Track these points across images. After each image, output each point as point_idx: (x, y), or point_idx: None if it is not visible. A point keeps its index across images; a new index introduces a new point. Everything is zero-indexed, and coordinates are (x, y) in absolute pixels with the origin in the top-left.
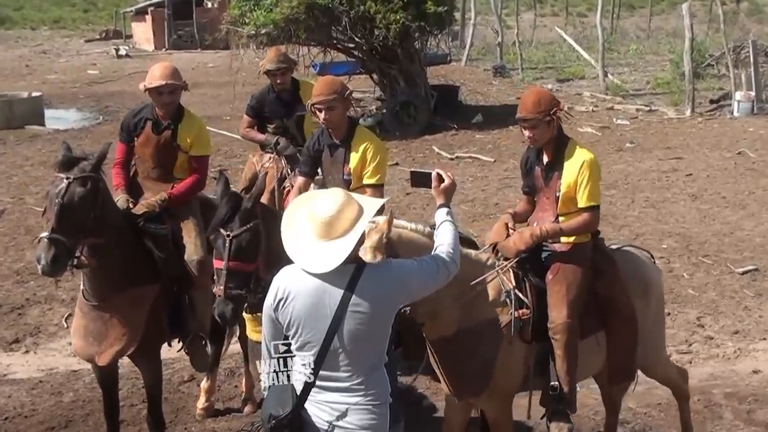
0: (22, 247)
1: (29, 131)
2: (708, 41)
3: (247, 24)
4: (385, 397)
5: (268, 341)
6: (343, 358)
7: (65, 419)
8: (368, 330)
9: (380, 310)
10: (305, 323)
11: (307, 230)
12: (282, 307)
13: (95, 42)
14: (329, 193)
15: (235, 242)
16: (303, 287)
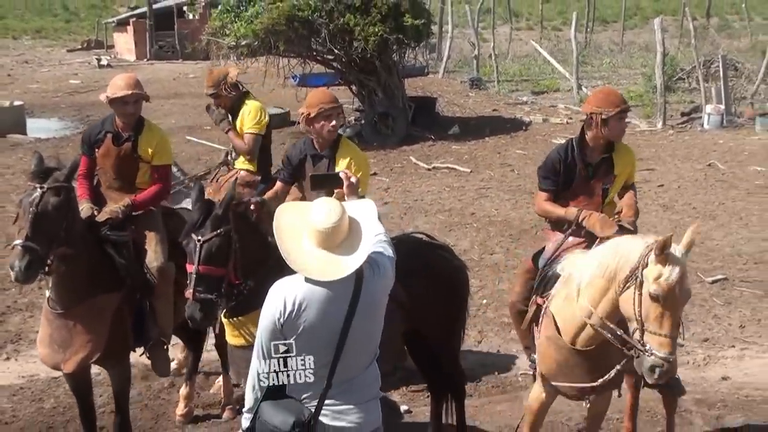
0: (2, 255)
1: (10, 140)
2: (679, 56)
3: (227, 35)
4: (378, 391)
5: (266, 343)
6: (349, 356)
7: (46, 425)
8: (370, 329)
9: (379, 310)
10: (314, 330)
11: (307, 240)
12: (292, 317)
13: (77, 52)
14: (323, 203)
15: (206, 247)
16: (312, 296)
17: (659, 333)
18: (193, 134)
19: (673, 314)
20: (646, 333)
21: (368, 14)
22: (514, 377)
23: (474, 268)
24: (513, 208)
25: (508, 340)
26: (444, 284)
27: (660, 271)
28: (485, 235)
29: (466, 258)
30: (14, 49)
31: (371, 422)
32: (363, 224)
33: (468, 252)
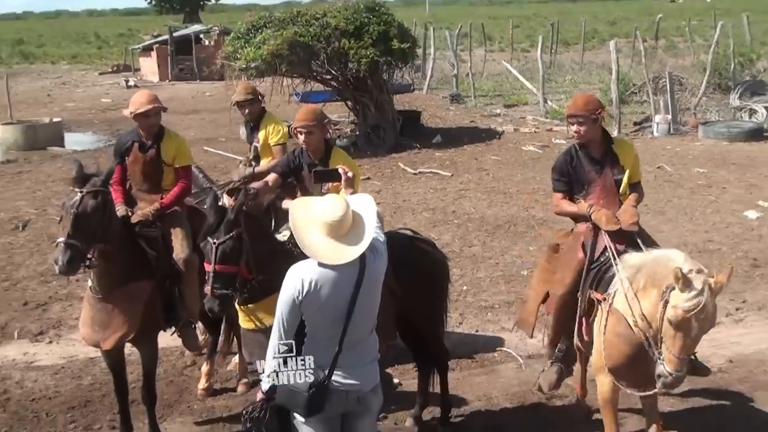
0: (45, 252)
1: (51, 152)
2: (631, 73)
3: (239, 59)
4: (376, 354)
5: (286, 317)
6: (356, 324)
7: (84, 399)
8: (372, 302)
9: (378, 286)
10: (327, 305)
11: (317, 231)
12: (309, 294)
13: (108, 74)
14: (329, 199)
15: (221, 248)
16: (325, 277)
17: (670, 351)
18: (210, 145)
19: (685, 338)
20: (663, 345)
21: (361, 39)
22: (491, 354)
23: (455, 259)
24: (488, 206)
25: (485, 322)
26: (428, 274)
27: (679, 299)
28: (464, 230)
29: (447, 250)
30: (53, 73)
31: (373, 379)
32: (365, 216)
33: (449, 245)
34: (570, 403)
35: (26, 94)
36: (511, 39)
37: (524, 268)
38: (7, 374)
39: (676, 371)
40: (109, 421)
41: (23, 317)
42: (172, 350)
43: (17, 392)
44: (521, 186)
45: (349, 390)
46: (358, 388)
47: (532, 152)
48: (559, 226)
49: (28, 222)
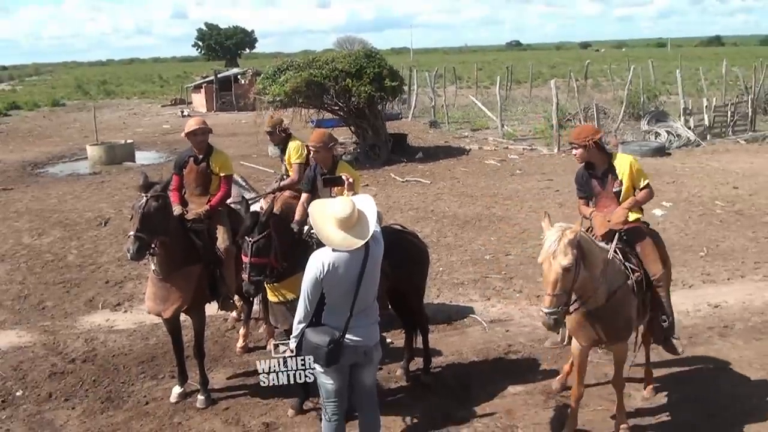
0: (121, 242)
1: (125, 166)
2: (567, 104)
3: (267, 94)
4: (377, 317)
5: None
6: (363, 295)
7: (151, 356)
8: (374, 277)
9: (378, 265)
10: (343, 279)
11: (332, 225)
12: (329, 273)
13: (168, 107)
14: (339, 200)
15: (255, 245)
16: (339, 260)
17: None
18: (245, 160)
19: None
20: None
21: (361, 79)
22: (462, 319)
23: (433, 247)
24: (459, 207)
25: (457, 295)
26: (412, 258)
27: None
28: (441, 225)
29: (428, 240)
30: (127, 106)
31: (375, 336)
32: (368, 213)
33: (429, 236)
34: (522, 357)
35: (108, 122)
36: (476, 78)
37: (487, 254)
38: (95, 336)
39: (546, 309)
40: (169, 371)
41: (105, 292)
42: (217, 317)
43: (102, 350)
44: (484, 191)
45: (358, 345)
46: (365, 343)
47: (492, 165)
48: (514, 222)
49: (109, 219)
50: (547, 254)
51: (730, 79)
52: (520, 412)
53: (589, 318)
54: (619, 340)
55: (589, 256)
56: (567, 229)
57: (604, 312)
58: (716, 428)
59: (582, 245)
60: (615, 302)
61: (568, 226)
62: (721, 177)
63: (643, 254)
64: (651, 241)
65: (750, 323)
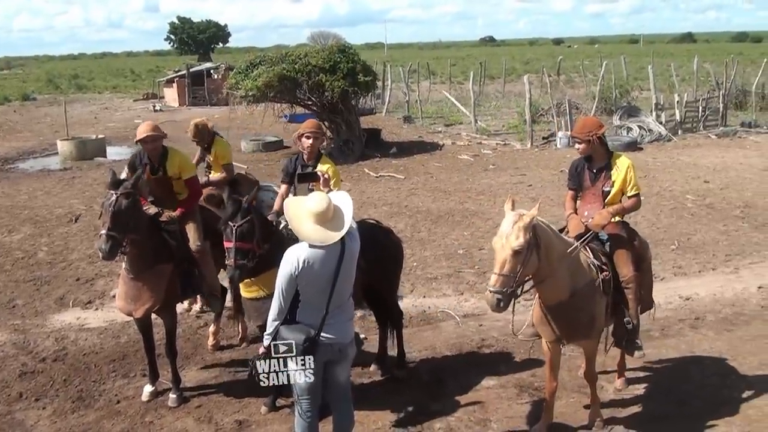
0: (92, 239)
1: (97, 161)
2: (540, 100)
3: (239, 89)
4: (353, 314)
5: (282, 298)
6: (339, 292)
7: (122, 354)
8: (350, 273)
9: (354, 261)
10: (318, 276)
11: (308, 220)
12: (303, 270)
13: (140, 101)
14: (315, 195)
15: (239, 230)
16: (315, 256)
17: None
18: None
19: (496, 255)
20: None
21: (334, 74)
22: (435, 314)
23: (407, 242)
24: (432, 201)
25: (430, 290)
26: (387, 252)
27: None
28: (414, 220)
29: (402, 235)
30: (99, 100)
31: (350, 333)
32: (344, 208)
33: (403, 231)
34: (494, 351)
35: (79, 116)
36: (449, 74)
37: (460, 248)
38: (65, 334)
39: (491, 287)
40: (141, 370)
41: (76, 290)
42: (189, 316)
43: (73, 348)
44: (458, 186)
45: (333, 342)
46: (340, 340)
47: (465, 160)
48: (487, 216)
49: (80, 216)
50: (500, 235)
51: (702, 75)
52: (493, 406)
53: (552, 313)
54: (582, 338)
55: (545, 245)
56: (524, 215)
57: (567, 308)
58: (687, 417)
59: (538, 232)
60: (578, 299)
61: (526, 212)
62: (693, 171)
63: (616, 257)
64: (626, 249)
65: (721, 315)
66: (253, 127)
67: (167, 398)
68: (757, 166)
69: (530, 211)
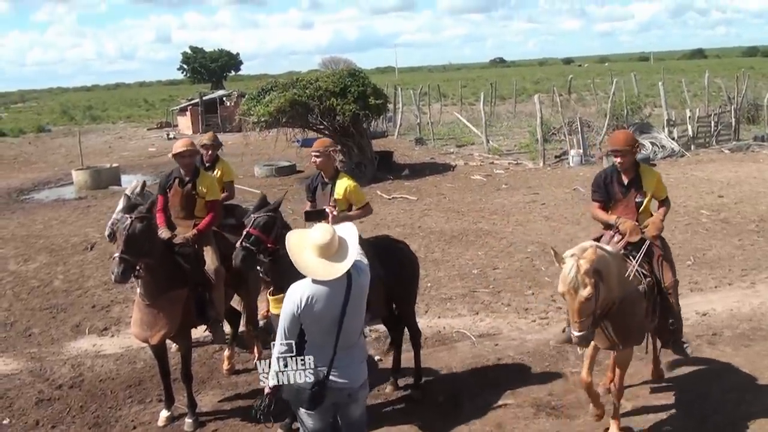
0: (107, 266)
1: (111, 190)
2: (551, 119)
3: (252, 115)
4: (365, 355)
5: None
6: (347, 331)
7: (138, 379)
8: (359, 311)
9: (363, 298)
10: (323, 315)
11: (310, 253)
12: (306, 308)
13: (153, 130)
14: (319, 227)
15: (258, 219)
16: (319, 293)
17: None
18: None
19: (571, 308)
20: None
21: (345, 97)
22: (450, 334)
23: (421, 262)
24: (446, 222)
25: (445, 310)
26: (405, 264)
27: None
28: (428, 240)
29: None
30: (113, 130)
31: (362, 376)
32: (349, 241)
33: (416, 252)
34: (510, 371)
35: (94, 146)
36: (460, 95)
37: (474, 268)
38: (81, 361)
39: (577, 333)
40: (157, 395)
41: (92, 317)
42: (204, 339)
43: (89, 375)
44: (470, 206)
45: (343, 387)
46: (351, 384)
47: (478, 180)
48: (501, 236)
49: (95, 244)
50: (567, 286)
51: (713, 90)
52: (510, 425)
53: (604, 322)
54: (632, 343)
55: (607, 275)
56: (581, 259)
57: (617, 315)
58: None
59: (599, 269)
60: (626, 306)
61: (582, 252)
62: (706, 186)
63: (661, 264)
64: (668, 255)
65: (738, 330)
66: (266, 153)
67: (183, 423)
68: None
69: (586, 254)
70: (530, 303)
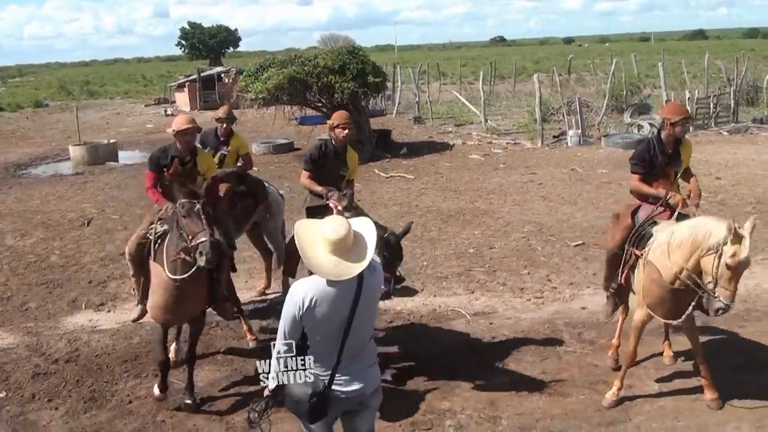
0: (104, 242)
1: (108, 166)
2: (551, 99)
3: (250, 92)
4: (376, 358)
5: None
6: (355, 337)
7: (134, 355)
8: (370, 312)
9: (375, 300)
10: (326, 320)
11: (321, 248)
12: (308, 311)
13: (151, 106)
14: (332, 219)
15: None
16: (324, 294)
17: (728, 288)
18: None
19: (737, 277)
20: (718, 286)
21: (344, 75)
22: (445, 313)
23: (417, 241)
24: (443, 201)
25: (441, 288)
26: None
27: (736, 250)
28: (425, 219)
29: (411, 235)
30: (111, 106)
31: (375, 381)
32: (366, 237)
33: (413, 231)
34: (505, 349)
35: (91, 122)
36: (459, 74)
37: (471, 247)
38: (78, 336)
39: (732, 302)
40: (153, 370)
41: (88, 292)
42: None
43: (85, 350)
44: (468, 185)
45: (352, 396)
46: (361, 392)
47: (476, 159)
48: (498, 215)
49: (92, 219)
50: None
51: (713, 71)
52: (503, 403)
53: (676, 294)
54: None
55: None
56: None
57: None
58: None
59: None
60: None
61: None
62: (704, 168)
63: None
64: None
65: (733, 311)
66: (263, 130)
67: (178, 398)
68: None
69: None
70: (526, 282)
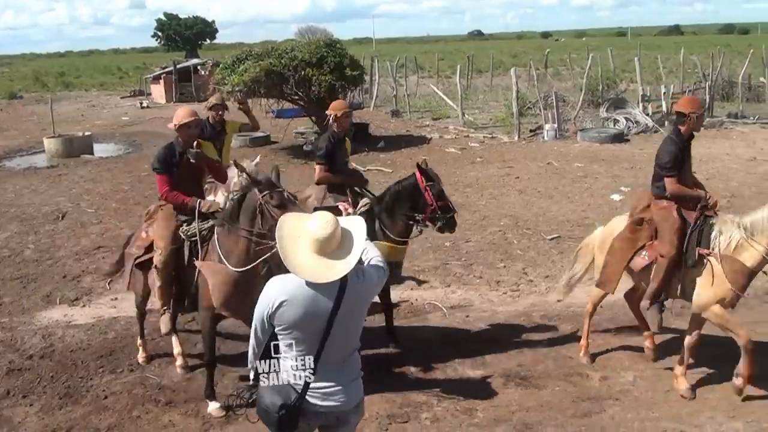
0: (78, 236)
1: (83, 158)
2: (527, 93)
3: (226, 84)
4: (359, 372)
5: (260, 341)
6: (335, 349)
7: (109, 350)
8: (353, 323)
9: (360, 310)
10: (298, 325)
11: (304, 246)
12: (276, 312)
13: (127, 98)
14: (319, 215)
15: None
16: (296, 295)
17: None
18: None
19: None
20: None
21: (321, 68)
22: (422, 306)
23: None
24: None
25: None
26: None
27: None
28: None
29: None
30: (86, 98)
31: (354, 399)
32: (354, 236)
33: None
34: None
35: (66, 114)
36: (437, 68)
37: (447, 241)
38: (52, 331)
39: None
40: (128, 366)
41: (63, 287)
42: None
43: (60, 345)
44: (445, 179)
45: (328, 412)
46: (340, 408)
47: (453, 153)
48: (474, 209)
49: (66, 213)
50: None
51: (689, 66)
52: (479, 395)
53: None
54: None
55: None
56: None
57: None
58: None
59: None
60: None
61: None
62: None
63: None
64: None
65: None
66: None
67: (154, 393)
68: (743, 156)
69: None
70: (502, 275)
